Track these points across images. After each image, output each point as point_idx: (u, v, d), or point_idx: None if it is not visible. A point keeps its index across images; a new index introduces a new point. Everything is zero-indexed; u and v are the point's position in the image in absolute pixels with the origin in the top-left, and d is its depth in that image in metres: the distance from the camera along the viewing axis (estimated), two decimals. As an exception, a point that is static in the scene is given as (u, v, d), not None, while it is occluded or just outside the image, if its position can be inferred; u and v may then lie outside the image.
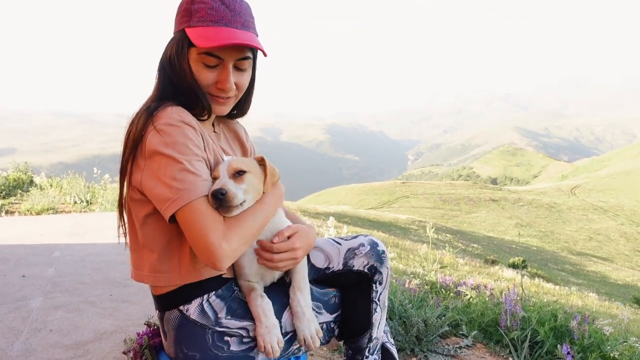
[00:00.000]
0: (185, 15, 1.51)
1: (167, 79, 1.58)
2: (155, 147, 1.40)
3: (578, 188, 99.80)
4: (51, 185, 11.98)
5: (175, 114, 1.45)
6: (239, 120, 1.94)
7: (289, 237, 1.59)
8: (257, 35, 1.58)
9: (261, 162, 1.59)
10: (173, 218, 1.39)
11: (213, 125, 1.75)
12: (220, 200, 1.38)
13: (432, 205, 78.24)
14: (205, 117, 1.60)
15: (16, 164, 13.17)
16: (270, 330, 1.54)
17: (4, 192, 11.21)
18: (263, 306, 1.56)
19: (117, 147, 1.51)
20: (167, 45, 1.58)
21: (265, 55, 1.58)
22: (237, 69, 1.57)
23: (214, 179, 1.47)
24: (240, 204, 1.44)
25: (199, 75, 1.53)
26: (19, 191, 11.45)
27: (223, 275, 1.62)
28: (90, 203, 10.54)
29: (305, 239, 1.63)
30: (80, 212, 9.80)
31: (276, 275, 1.71)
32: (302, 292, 1.66)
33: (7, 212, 9.37)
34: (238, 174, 1.47)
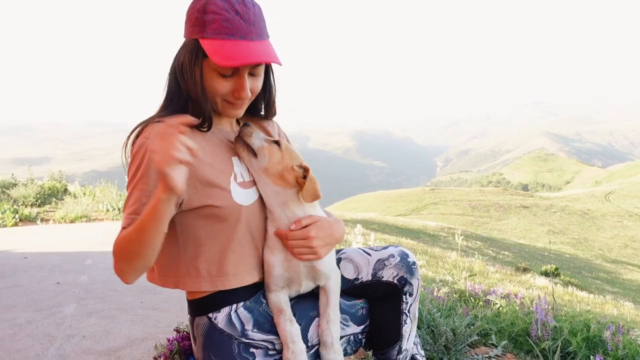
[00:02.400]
0: (197, 25, 1.47)
1: (177, 85, 1.58)
2: (131, 161, 1.52)
3: (612, 194, 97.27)
4: (84, 194, 12.25)
5: (151, 128, 1.50)
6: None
7: (305, 226, 1.59)
8: (269, 37, 1.56)
9: (305, 171, 1.62)
10: None
11: (239, 123, 1.77)
12: (242, 131, 1.61)
13: (461, 212, 77.24)
14: (206, 129, 1.59)
15: (51, 172, 13.50)
16: (297, 356, 1.56)
17: (39, 201, 11.52)
18: (292, 332, 1.58)
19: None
20: (179, 51, 1.56)
21: (280, 64, 1.54)
22: (251, 75, 1.57)
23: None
24: (251, 150, 1.60)
25: (215, 85, 1.53)
26: (54, 199, 11.74)
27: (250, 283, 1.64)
28: (122, 211, 10.75)
29: (324, 229, 1.61)
30: (112, 220, 9.99)
31: (303, 286, 1.69)
32: (334, 324, 1.66)
33: (42, 220, 9.61)
34: (275, 143, 1.63)
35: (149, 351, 2.79)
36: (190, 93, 1.55)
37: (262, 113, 1.82)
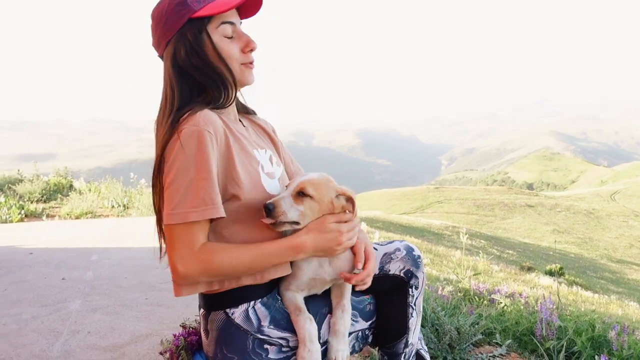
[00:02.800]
0: (182, 9, 1.52)
1: (184, 81, 1.58)
2: (172, 153, 1.44)
3: (618, 194, 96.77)
4: (90, 190, 12.29)
5: (198, 116, 1.47)
6: (278, 122, 1.97)
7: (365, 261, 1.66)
8: None
9: (348, 199, 1.60)
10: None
11: (240, 121, 1.77)
12: (268, 212, 1.48)
13: (466, 210, 77.05)
14: (233, 99, 1.62)
15: (57, 169, 13.56)
16: (312, 354, 1.57)
17: (45, 197, 11.58)
18: (311, 330, 1.58)
19: (153, 152, 1.54)
20: (173, 48, 1.57)
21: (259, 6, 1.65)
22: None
23: (286, 186, 1.56)
24: (292, 222, 1.51)
25: (227, 51, 1.57)
26: (59, 195, 11.80)
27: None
28: (127, 207, 10.78)
29: (375, 261, 1.71)
30: (118, 216, 10.03)
31: (322, 290, 1.73)
32: (348, 314, 1.69)
33: (48, 216, 9.66)
34: (301, 194, 1.52)
35: (154, 347, 2.80)
36: (207, 73, 1.56)
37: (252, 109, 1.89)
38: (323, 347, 1.66)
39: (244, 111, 1.87)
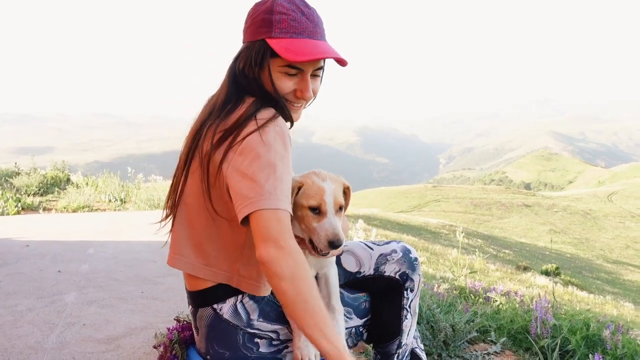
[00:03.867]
0: (265, 26, 1.51)
1: (239, 87, 1.58)
2: (256, 145, 1.39)
3: (615, 194, 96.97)
4: (87, 184, 12.27)
5: (280, 120, 1.47)
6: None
7: None
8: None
9: (346, 190, 1.63)
10: (245, 220, 1.35)
11: None
12: (336, 247, 1.47)
13: (463, 209, 77.18)
14: (291, 125, 1.63)
15: (54, 162, 13.53)
16: (308, 344, 1.57)
17: (42, 190, 11.55)
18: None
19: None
20: (240, 53, 1.59)
21: (345, 64, 1.58)
22: (313, 76, 1.60)
23: (315, 208, 1.50)
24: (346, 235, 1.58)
25: (279, 84, 1.54)
26: (57, 189, 11.77)
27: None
28: (124, 202, 10.76)
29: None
30: (115, 210, 10.02)
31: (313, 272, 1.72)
32: (340, 315, 1.68)
33: (44, 209, 9.64)
34: (339, 210, 1.54)
35: (149, 340, 2.80)
36: (260, 93, 1.55)
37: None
38: None
39: None
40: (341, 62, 1.58)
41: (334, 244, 1.45)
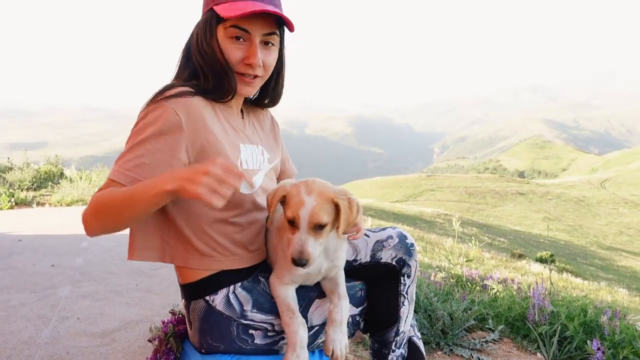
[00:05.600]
0: None
1: (189, 62, 1.59)
2: (139, 119, 1.45)
3: (608, 181, 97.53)
4: (81, 178, 12.20)
5: (182, 100, 1.46)
6: (271, 110, 1.94)
7: None
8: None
9: (337, 206, 1.45)
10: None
11: (242, 112, 1.74)
12: (300, 264, 1.39)
13: (458, 198, 77.34)
14: (230, 98, 1.59)
15: (47, 157, 13.45)
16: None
17: (35, 184, 11.48)
18: (304, 337, 1.53)
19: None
20: (194, 28, 1.59)
21: (291, 29, 1.58)
22: (264, 44, 1.56)
23: (291, 220, 1.43)
24: (321, 251, 1.47)
25: (227, 52, 1.53)
26: (50, 183, 11.71)
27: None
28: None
29: None
30: (109, 203, 9.97)
31: (315, 280, 1.68)
32: (345, 300, 1.64)
33: (38, 204, 9.58)
34: (319, 227, 1.42)
35: (144, 333, 2.77)
36: (209, 64, 1.54)
37: (267, 101, 1.81)
38: (311, 332, 1.63)
39: (254, 102, 1.83)
40: (288, 25, 1.57)
41: (295, 261, 1.38)
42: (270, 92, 1.77)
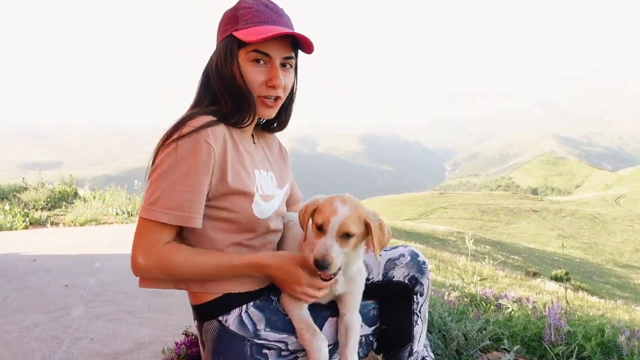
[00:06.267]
0: (231, 22, 1.56)
1: (209, 89, 1.62)
2: (164, 154, 1.46)
3: (623, 198, 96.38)
4: (94, 198, 12.30)
5: (205, 132, 1.47)
6: (277, 134, 1.97)
7: None
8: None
9: (367, 226, 1.49)
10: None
11: (253, 136, 1.75)
12: (321, 267, 1.41)
13: (470, 216, 76.79)
14: (249, 122, 1.62)
15: (62, 177, 13.60)
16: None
17: (49, 204, 11.58)
18: (326, 354, 1.54)
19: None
20: (212, 54, 1.62)
21: (311, 50, 1.61)
22: (283, 67, 1.60)
23: (320, 226, 1.46)
24: (337, 265, 1.45)
25: (249, 76, 1.56)
26: (64, 203, 11.81)
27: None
28: (131, 214, 10.76)
29: None
30: (122, 223, 10.01)
31: (328, 299, 1.69)
32: (358, 318, 1.67)
33: (52, 224, 9.65)
34: (346, 236, 1.44)
35: (157, 355, 2.76)
36: (229, 89, 1.57)
37: (276, 124, 1.85)
38: (329, 347, 1.63)
39: (263, 127, 1.86)
40: (308, 46, 1.60)
41: (318, 262, 1.40)
42: (280, 116, 1.80)
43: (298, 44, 1.61)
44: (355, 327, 1.65)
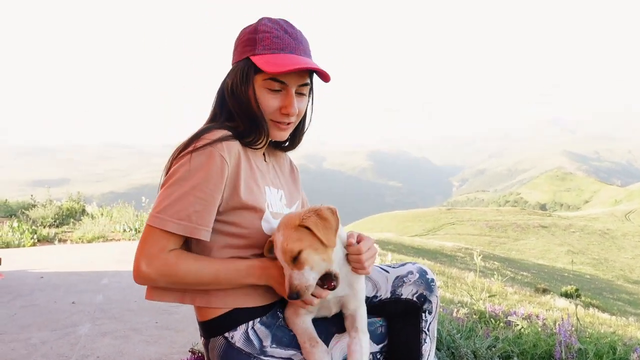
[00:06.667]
0: (249, 45, 1.56)
1: (224, 106, 1.63)
2: (179, 165, 1.47)
3: (633, 213, 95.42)
4: (102, 214, 12.36)
5: (220, 145, 1.48)
6: (289, 152, 1.98)
7: (358, 242, 1.58)
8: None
9: (306, 228, 1.43)
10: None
11: (264, 155, 1.76)
12: (297, 298, 1.40)
13: (478, 232, 76.24)
14: (262, 144, 1.63)
15: (70, 194, 13.68)
16: None
17: (57, 221, 11.64)
18: None
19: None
20: (228, 74, 1.63)
21: (328, 80, 1.61)
22: (298, 94, 1.62)
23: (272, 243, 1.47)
24: (322, 281, 1.45)
25: (264, 102, 1.57)
26: (72, 220, 11.87)
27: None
28: (139, 231, 10.79)
29: (369, 243, 1.61)
30: (129, 240, 10.03)
31: (333, 310, 1.66)
32: (365, 336, 1.62)
33: (60, 240, 9.69)
34: (295, 260, 1.40)
35: (163, 372, 2.75)
36: (243, 111, 1.58)
37: (287, 143, 1.85)
38: None
39: (274, 145, 1.85)
40: (324, 76, 1.61)
41: (291, 297, 1.39)
42: (292, 135, 1.81)
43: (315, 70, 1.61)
44: (362, 315, 1.64)
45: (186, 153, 1.47)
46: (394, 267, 1.82)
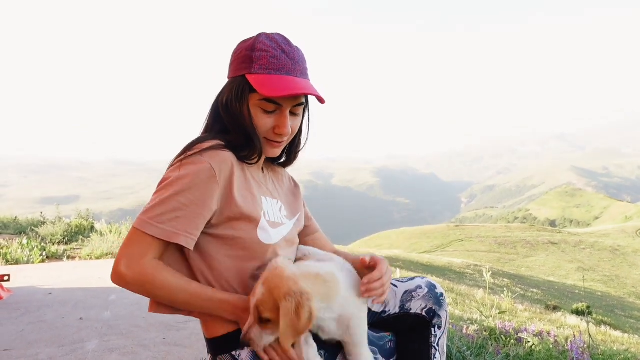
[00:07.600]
0: (245, 62, 1.55)
1: (218, 120, 1.63)
2: (168, 174, 1.48)
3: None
4: (111, 231, 12.39)
5: (211, 154, 1.49)
6: (293, 169, 1.97)
7: (373, 266, 1.55)
8: (309, 79, 1.62)
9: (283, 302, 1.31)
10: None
11: (263, 169, 1.76)
12: (246, 345, 1.40)
13: (487, 248, 75.66)
14: (256, 160, 1.62)
15: (79, 211, 13.76)
16: None
17: (66, 238, 11.69)
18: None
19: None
20: (223, 88, 1.62)
21: (323, 102, 1.60)
22: (292, 114, 1.61)
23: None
24: (262, 345, 1.39)
25: (258, 121, 1.56)
26: (81, 237, 11.91)
27: None
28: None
29: (386, 265, 1.58)
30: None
31: (332, 337, 1.55)
32: (364, 350, 1.54)
33: (69, 257, 9.71)
34: (263, 321, 1.36)
35: (171, 389, 2.73)
36: (237, 127, 1.58)
37: (284, 159, 1.85)
38: None
39: (272, 160, 1.85)
40: (319, 98, 1.59)
41: (240, 341, 1.38)
42: (287, 151, 1.81)
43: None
44: (360, 327, 1.54)
45: (178, 161, 1.48)
46: (402, 282, 1.80)
